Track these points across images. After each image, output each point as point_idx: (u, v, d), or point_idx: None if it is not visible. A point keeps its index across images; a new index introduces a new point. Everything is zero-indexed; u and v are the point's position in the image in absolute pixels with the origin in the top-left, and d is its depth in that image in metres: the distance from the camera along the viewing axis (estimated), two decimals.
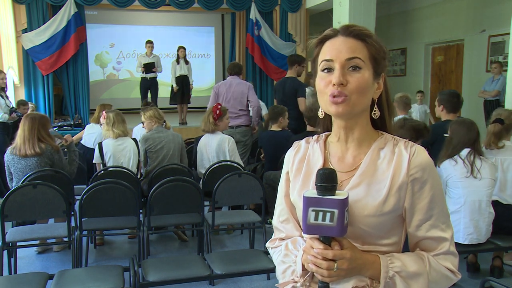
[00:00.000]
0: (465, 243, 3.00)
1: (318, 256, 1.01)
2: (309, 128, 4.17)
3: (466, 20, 8.61)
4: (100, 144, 4.11)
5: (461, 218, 3.00)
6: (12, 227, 3.47)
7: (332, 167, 1.12)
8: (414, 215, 1.09)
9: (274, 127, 4.63)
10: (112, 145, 4.08)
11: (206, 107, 5.13)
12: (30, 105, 7.11)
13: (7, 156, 3.72)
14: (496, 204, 3.18)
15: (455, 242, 3.26)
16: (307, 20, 10.31)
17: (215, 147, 4.26)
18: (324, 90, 1.07)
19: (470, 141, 3.05)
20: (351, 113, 1.07)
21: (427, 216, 1.08)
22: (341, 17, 7.36)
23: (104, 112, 4.42)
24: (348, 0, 7.23)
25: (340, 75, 1.04)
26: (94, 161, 4.15)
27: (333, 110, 1.07)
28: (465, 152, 3.06)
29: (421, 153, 1.09)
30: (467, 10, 8.59)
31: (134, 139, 4.24)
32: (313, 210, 0.98)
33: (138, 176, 4.20)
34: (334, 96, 1.04)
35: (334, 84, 1.04)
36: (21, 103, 6.71)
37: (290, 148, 1.26)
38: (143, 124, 4.51)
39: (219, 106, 4.28)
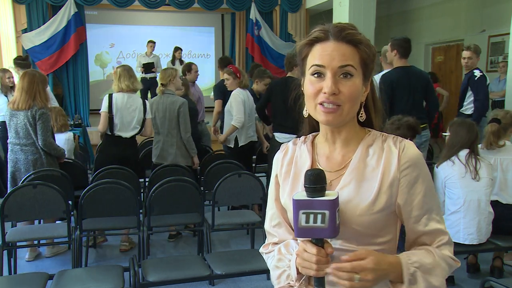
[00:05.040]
0: (465, 243, 3.00)
1: (338, 271, 0.97)
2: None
3: (466, 20, 8.61)
4: (110, 96, 4.00)
5: (461, 218, 3.00)
6: (12, 227, 3.47)
7: (318, 167, 1.12)
8: (411, 212, 1.08)
9: None
10: (121, 100, 3.98)
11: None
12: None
13: (6, 112, 3.79)
14: (496, 204, 3.18)
15: (455, 242, 3.22)
16: (307, 20, 10.31)
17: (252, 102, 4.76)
18: (314, 97, 1.05)
19: (469, 141, 3.07)
20: (342, 122, 1.07)
21: (424, 210, 1.08)
22: (341, 17, 7.36)
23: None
24: (348, 0, 7.24)
25: (333, 84, 1.02)
26: (101, 110, 3.99)
27: (324, 120, 1.05)
28: (463, 153, 3.07)
29: (410, 148, 1.09)
30: (467, 10, 8.59)
31: (143, 99, 4.16)
32: (303, 213, 0.97)
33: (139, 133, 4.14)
34: (324, 105, 1.03)
35: (325, 93, 1.02)
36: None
37: (278, 151, 1.24)
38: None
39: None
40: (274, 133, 4.43)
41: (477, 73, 4.76)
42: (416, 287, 1.02)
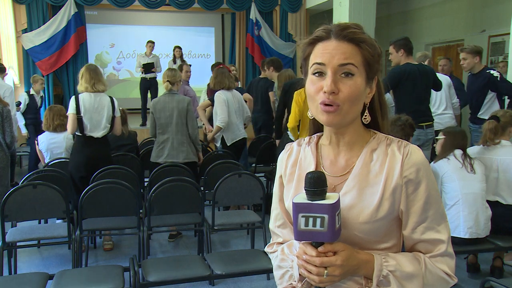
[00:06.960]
0: (465, 237, 3.02)
1: (307, 262, 0.99)
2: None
3: (466, 20, 8.61)
4: (76, 97, 3.93)
5: (460, 212, 3.04)
6: (12, 227, 3.47)
7: (322, 170, 1.10)
8: (409, 218, 1.06)
9: None
10: (88, 101, 3.92)
11: None
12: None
13: None
14: (496, 204, 3.19)
15: (456, 237, 3.21)
16: (307, 20, 10.32)
17: (239, 100, 4.86)
18: (315, 97, 1.04)
19: (461, 145, 3.21)
20: (342, 123, 1.05)
21: (422, 218, 1.05)
22: (341, 17, 7.37)
23: None
24: (348, 0, 7.24)
25: (332, 82, 1.00)
26: (69, 112, 3.91)
27: (324, 119, 1.04)
28: (459, 152, 3.18)
29: (415, 153, 1.06)
30: (467, 10, 8.59)
31: (111, 97, 4.08)
32: (303, 216, 0.96)
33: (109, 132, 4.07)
34: (325, 104, 1.01)
35: (325, 92, 1.01)
36: None
37: (283, 151, 1.23)
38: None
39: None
40: (287, 132, 4.49)
41: (495, 73, 4.65)
42: None
